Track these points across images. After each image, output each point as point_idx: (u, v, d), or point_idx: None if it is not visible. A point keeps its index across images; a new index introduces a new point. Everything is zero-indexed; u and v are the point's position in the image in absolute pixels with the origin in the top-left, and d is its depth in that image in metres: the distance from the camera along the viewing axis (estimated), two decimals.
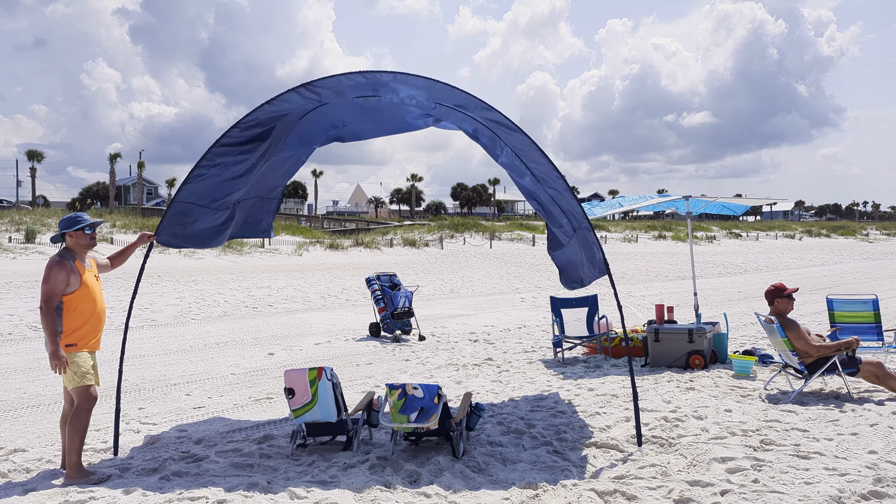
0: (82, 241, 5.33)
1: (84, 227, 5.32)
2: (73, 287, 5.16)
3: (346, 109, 6.52)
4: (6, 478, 5.17)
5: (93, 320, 5.28)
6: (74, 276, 5.19)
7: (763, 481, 4.83)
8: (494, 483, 4.96)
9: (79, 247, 5.33)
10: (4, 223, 29.92)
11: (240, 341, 11.38)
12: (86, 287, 5.24)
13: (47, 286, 5.07)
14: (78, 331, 5.18)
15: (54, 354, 5.00)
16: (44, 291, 5.08)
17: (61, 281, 5.11)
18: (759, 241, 55.86)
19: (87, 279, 5.28)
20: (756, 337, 11.17)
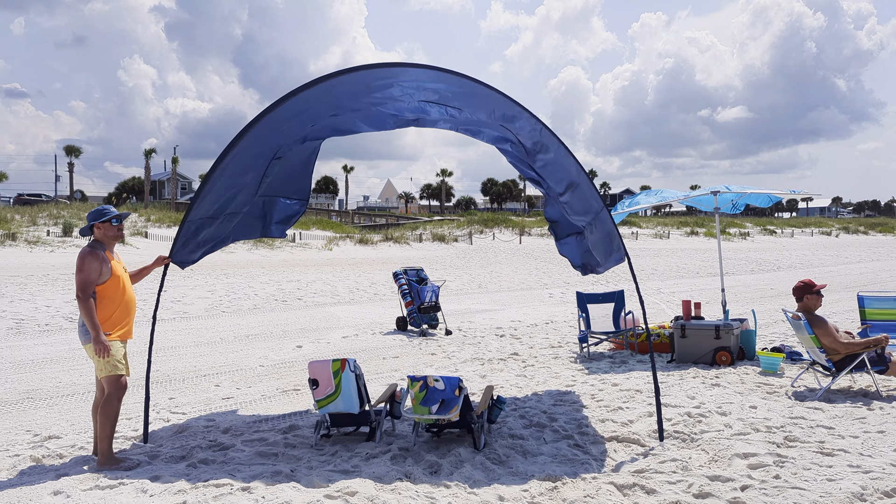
0: (110, 232, 5.45)
1: (111, 218, 5.44)
2: (104, 277, 5.29)
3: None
4: (40, 463, 5.33)
5: (123, 310, 5.41)
6: (106, 265, 5.32)
7: (785, 477, 4.81)
8: (514, 475, 5.00)
9: (107, 238, 5.44)
10: (43, 217, 30.60)
11: (269, 334, 11.55)
12: (116, 277, 5.37)
13: (82, 275, 5.19)
14: (109, 320, 5.30)
15: (97, 339, 5.12)
16: (79, 281, 5.19)
17: (95, 270, 5.23)
18: (794, 237, 55.01)
19: (117, 269, 5.42)
20: (785, 334, 11.04)
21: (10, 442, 5.84)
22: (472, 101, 6.04)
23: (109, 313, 5.31)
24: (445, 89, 5.90)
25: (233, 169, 6.05)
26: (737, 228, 55.99)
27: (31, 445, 5.73)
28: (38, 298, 14.72)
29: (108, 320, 5.30)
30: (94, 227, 5.44)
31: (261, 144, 6.10)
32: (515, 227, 44.80)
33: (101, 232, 5.43)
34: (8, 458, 5.41)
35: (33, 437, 5.99)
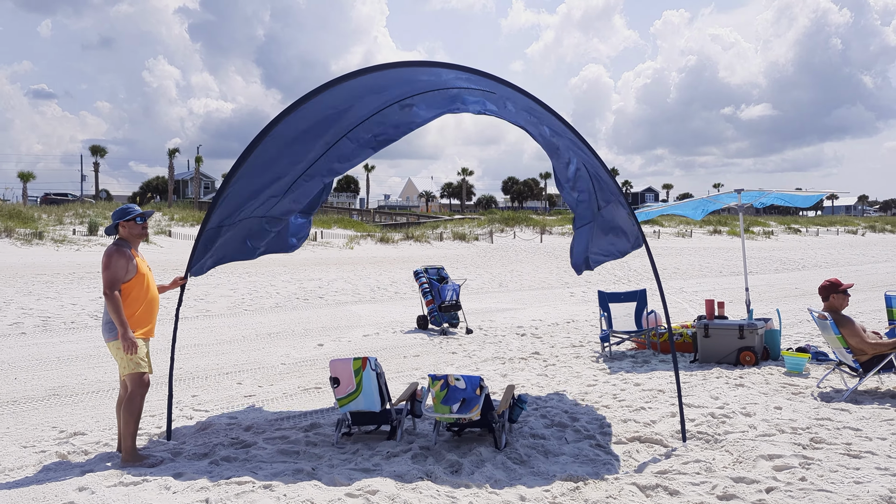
0: (135, 230, 5.48)
1: (136, 216, 5.47)
2: (130, 274, 5.32)
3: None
4: (65, 459, 5.39)
5: (147, 308, 5.44)
6: (132, 263, 5.35)
7: (811, 479, 4.74)
8: (536, 475, 4.98)
9: (132, 236, 5.47)
10: (69, 216, 31.01)
11: (291, 332, 11.60)
12: (141, 275, 5.41)
13: (109, 273, 5.22)
14: (132, 318, 5.32)
15: (125, 336, 5.16)
16: (106, 278, 5.22)
17: (122, 267, 5.27)
18: (819, 236, 54.33)
19: (142, 267, 5.45)
20: (811, 334, 10.90)
21: (36, 438, 5.92)
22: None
23: (133, 311, 5.35)
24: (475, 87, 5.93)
25: (265, 171, 6.09)
26: (761, 227, 55.40)
27: (57, 442, 5.80)
28: (64, 296, 14.91)
29: (132, 318, 5.33)
30: (119, 226, 5.47)
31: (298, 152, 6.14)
32: (536, 226, 44.66)
33: (126, 230, 5.47)
34: (34, 453, 5.48)
35: (59, 433, 6.06)
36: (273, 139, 5.79)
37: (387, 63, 5.53)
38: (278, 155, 6.08)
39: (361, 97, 5.96)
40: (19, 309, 13.12)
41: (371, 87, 5.84)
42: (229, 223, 6.44)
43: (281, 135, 5.82)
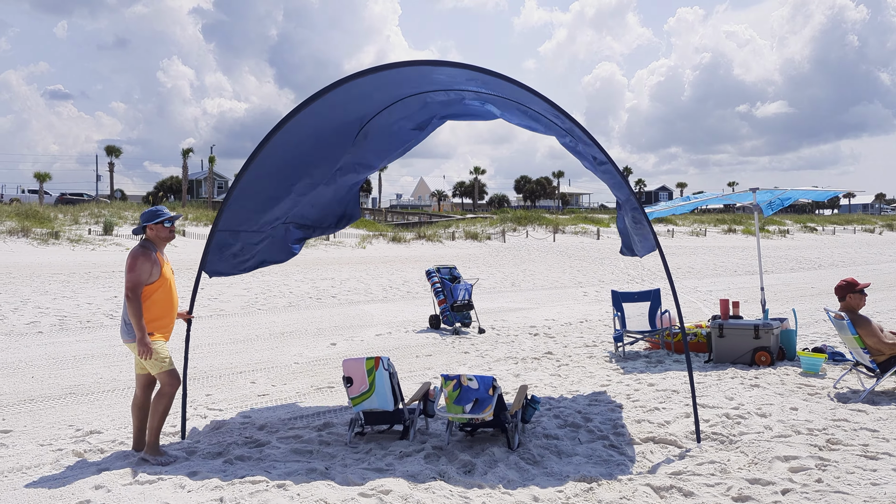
0: (162, 234, 5.50)
1: (164, 220, 5.49)
2: (153, 277, 5.34)
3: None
4: (82, 457, 5.43)
5: (167, 311, 5.48)
6: (156, 266, 5.38)
7: (827, 481, 4.70)
8: (549, 475, 4.96)
9: (158, 239, 5.50)
10: (85, 216, 31.24)
11: (303, 331, 11.63)
12: (164, 278, 5.43)
13: (132, 275, 5.23)
14: (156, 321, 5.37)
15: (141, 341, 5.17)
16: (129, 280, 5.23)
17: (146, 270, 5.28)
18: (836, 235, 53.88)
19: (166, 271, 5.48)
20: (827, 334, 10.81)
21: (53, 436, 5.96)
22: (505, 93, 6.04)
23: (155, 314, 5.37)
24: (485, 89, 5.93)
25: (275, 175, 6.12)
26: (776, 226, 55.02)
27: (74, 440, 5.84)
28: (79, 296, 15.02)
29: (154, 321, 5.37)
30: (146, 228, 5.49)
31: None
32: (549, 225, 44.56)
33: (154, 233, 5.49)
34: (51, 452, 5.53)
35: (75, 431, 6.11)
36: (281, 143, 5.85)
37: (400, 62, 5.54)
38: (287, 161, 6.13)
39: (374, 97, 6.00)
40: (36, 308, 13.23)
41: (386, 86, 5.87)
42: (247, 228, 6.47)
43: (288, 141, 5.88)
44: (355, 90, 5.78)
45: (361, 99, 6.11)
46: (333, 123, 6.27)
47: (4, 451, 5.57)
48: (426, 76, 5.91)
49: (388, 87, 6.04)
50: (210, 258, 6.30)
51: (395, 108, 6.61)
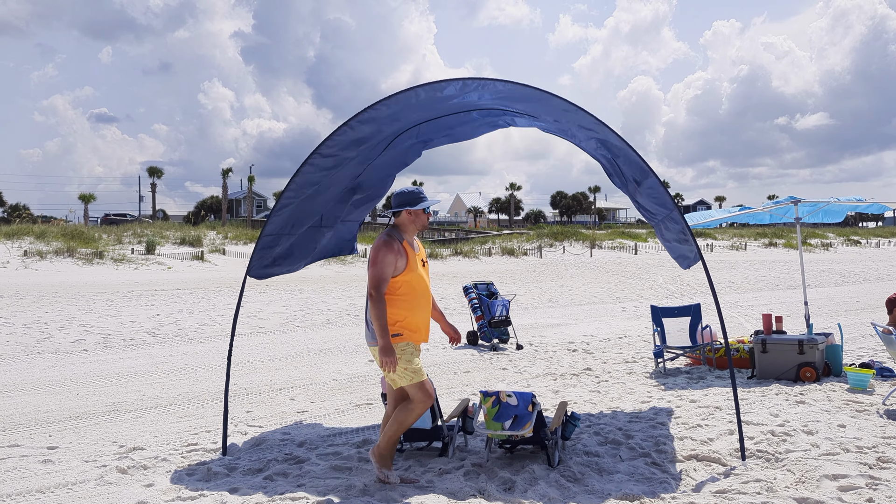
0: (419, 220, 4.98)
1: (426, 206, 4.96)
2: (398, 270, 4.79)
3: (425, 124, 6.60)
4: (125, 474, 5.51)
5: (417, 308, 4.92)
6: (402, 258, 4.82)
7: (878, 500, 4.56)
8: (590, 493, 4.90)
9: (412, 226, 4.96)
10: (128, 236, 31.93)
11: (342, 348, 11.69)
12: (411, 272, 4.86)
13: (375, 270, 4.70)
14: (401, 321, 4.83)
15: (384, 350, 4.64)
16: (372, 276, 4.70)
17: (389, 263, 4.73)
18: (881, 248, 52.60)
19: (414, 263, 4.90)
20: (874, 349, 10.53)
21: (97, 453, 6.07)
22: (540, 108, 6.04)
23: (399, 313, 4.83)
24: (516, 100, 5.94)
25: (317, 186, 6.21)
26: (818, 239, 53.93)
27: (117, 456, 5.94)
28: (123, 314, 15.32)
29: (399, 321, 4.83)
30: (404, 212, 4.96)
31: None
32: (586, 240, 44.28)
33: (411, 218, 4.96)
34: (95, 468, 5.62)
35: (119, 448, 6.20)
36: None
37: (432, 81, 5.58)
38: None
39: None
40: (81, 326, 13.53)
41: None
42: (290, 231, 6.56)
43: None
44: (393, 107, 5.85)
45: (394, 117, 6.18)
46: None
47: (51, 468, 5.68)
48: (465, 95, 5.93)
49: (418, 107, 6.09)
50: (254, 263, 6.38)
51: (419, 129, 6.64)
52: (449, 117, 6.54)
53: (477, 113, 6.54)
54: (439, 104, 5.98)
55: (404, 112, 5.89)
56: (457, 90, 5.62)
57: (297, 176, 5.89)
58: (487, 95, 5.81)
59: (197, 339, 12.62)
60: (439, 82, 5.53)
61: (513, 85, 5.43)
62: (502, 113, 6.55)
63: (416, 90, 5.55)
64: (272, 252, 6.51)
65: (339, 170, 6.20)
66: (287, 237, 6.53)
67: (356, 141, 5.92)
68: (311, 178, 6.02)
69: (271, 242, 6.40)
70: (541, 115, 6.25)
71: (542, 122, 6.56)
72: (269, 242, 6.37)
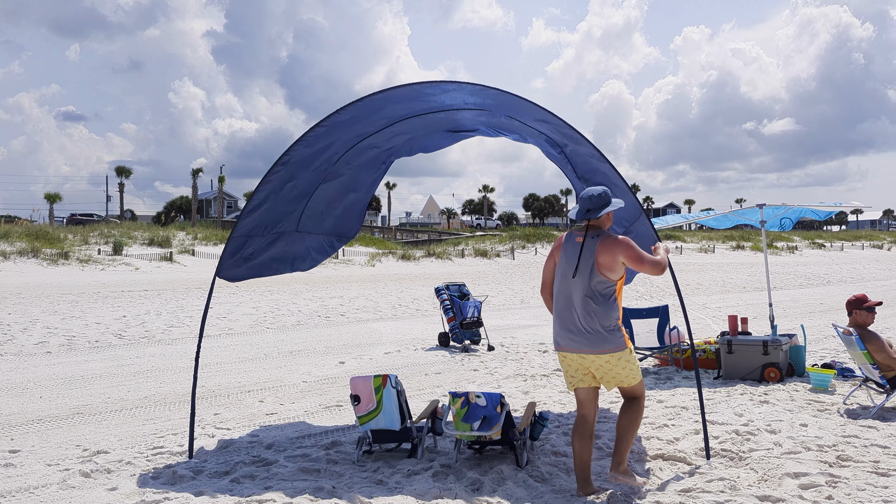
0: (608, 223, 4.88)
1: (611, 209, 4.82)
2: (622, 270, 4.75)
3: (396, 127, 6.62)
4: (88, 477, 5.43)
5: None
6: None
7: (838, 498, 4.65)
8: (557, 493, 4.93)
9: (610, 223, 4.89)
10: (94, 236, 31.44)
11: (312, 350, 11.64)
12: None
13: (640, 252, 4.65)
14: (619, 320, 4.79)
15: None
16: (645, 256, 4.63)
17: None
18: (844, 251, 53.62)
19: None
20: (836, 350, 10.74)
21: (60, 456, 5.97)
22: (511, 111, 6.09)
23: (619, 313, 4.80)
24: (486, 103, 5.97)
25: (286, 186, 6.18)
26: (784, 242, 54.82)
27: (80, 460, 5.85)
28: (88, 316, 15.09)
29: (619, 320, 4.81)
30: (607, 216, 4.86)
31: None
32: None
33: (609, 218, 4.91)
34: (58, 472, 5.53)
35: (82, 451, 6.11)
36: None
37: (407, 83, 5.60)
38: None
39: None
40: (45, 328, 13.30)
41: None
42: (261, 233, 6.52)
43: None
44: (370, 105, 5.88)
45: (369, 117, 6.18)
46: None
47: (12, 471, 5.58)
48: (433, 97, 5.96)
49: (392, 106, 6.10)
50: (224, 264, 6.33)
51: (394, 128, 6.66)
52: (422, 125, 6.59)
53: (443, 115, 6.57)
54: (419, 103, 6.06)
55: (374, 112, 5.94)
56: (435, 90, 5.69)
57: (270, 175, 5.88)
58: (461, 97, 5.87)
59: (164, 340, 12.48)
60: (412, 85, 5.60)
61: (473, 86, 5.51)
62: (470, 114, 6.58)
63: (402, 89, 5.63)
64: (243, 254, 6.47)
65: (315, 171, 6.20)
66: (259, 239, 6.49)
67: (321, 150, 5.96)
68: (285, 177, 6.01)
69: (242, 244, 6.36)
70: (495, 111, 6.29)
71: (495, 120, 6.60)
72: (239, 244, 6.33)
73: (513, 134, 6.81)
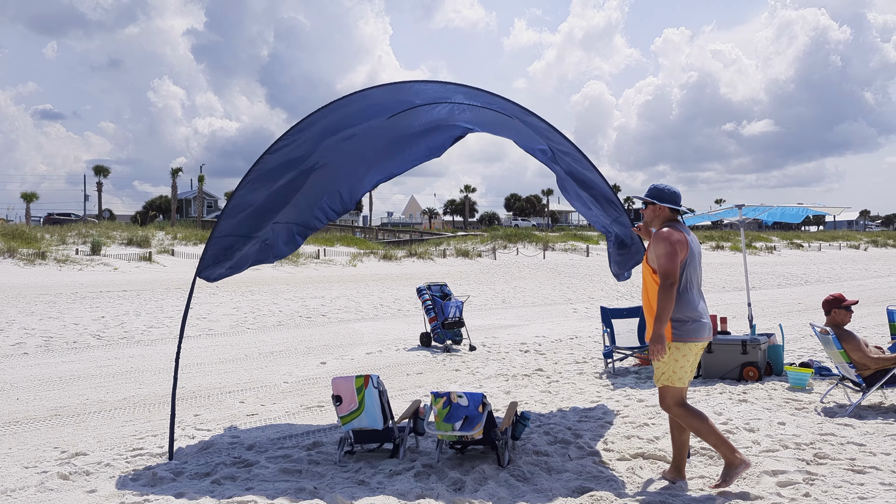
0: (663, 214, 5.04)
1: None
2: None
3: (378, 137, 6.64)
4: (67, 480, 5.38)
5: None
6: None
7: (815, 495, 4.71)
8: (539, 492, 4.96)
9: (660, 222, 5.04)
10: (72, 236, 31.10)
11: (293, 350, 11.59)
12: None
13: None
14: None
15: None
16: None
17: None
18: (822, 251, 54.25)
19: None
20: (814, 349, 10.87)
21: (37, 458, 5.91)
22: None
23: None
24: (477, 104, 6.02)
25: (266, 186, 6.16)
26: (763, 242, 55.36)
27: (58, 462, 5.79)
28: (66, 316, 14.93)
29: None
30: (654, 207, 5.03)
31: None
32: (539, 242, 44.68)
33: (665, 214, 5.05)
34: (35, 474, 5.47)
35: (60, 453, 6.05)
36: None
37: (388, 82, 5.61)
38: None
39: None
40: (21, 329, 13.14)
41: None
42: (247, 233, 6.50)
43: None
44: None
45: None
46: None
47: None
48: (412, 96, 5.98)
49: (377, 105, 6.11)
50: (204, 265, 6.31)
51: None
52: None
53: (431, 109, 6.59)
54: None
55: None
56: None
57: (251, 173, 5.88)
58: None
59: (144, 341, 12.38)
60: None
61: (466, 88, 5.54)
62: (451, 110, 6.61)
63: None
64: (224, 254, 6.44)
65: (293, 171, 6.19)
66: (242, 239, 6.46)
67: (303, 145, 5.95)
68: (266, 172, 6.00)
69: (223, 245, 6.33)
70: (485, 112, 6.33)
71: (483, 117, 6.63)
72: (221, 245, 6.30)
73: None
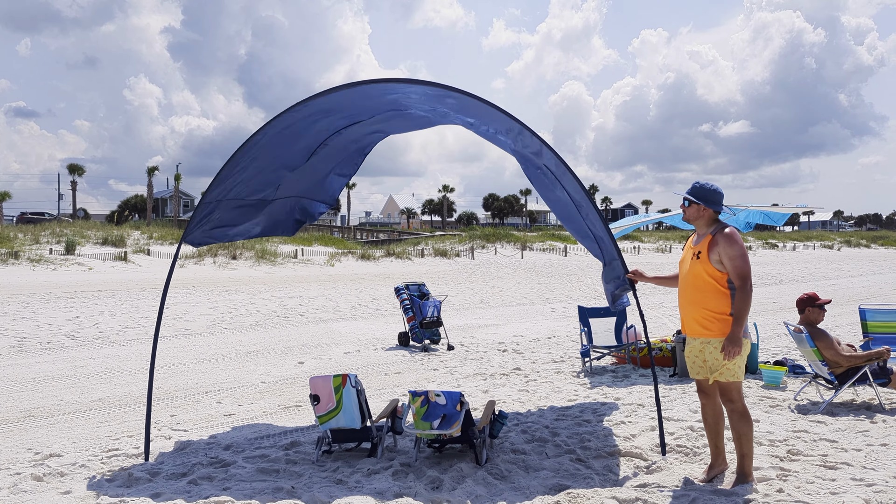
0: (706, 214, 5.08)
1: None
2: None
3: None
4: (41, 481, 5.31)
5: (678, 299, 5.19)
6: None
7: (788, 491, 4.78)
8: (516, 490, 4.98)
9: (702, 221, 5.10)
10: (46, 235, 30.68)
11: (270, 350, 11.54)
12: (680, 263, 5.20)
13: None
14: None
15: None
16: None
17: None
18: (796, 251, 54.96)
19: (686, 255, 5.20)
20: (788, 348, 11.01)
21: (11, 460, 5.83)
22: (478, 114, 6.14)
23: None
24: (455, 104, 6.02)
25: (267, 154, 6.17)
26: None
27: (32, 464, 5.72)
28: (40, 316, 14.73)
29: None
30: (698, 207, 5.08)
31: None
32: (517, 242, 44.82)
33: (709, 214, 5.10)
34: (9, 476, 5.40)
35: (34, 455, 5.98)
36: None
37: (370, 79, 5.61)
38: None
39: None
40: None
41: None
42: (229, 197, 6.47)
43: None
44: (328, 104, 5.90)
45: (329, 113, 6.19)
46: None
47: None
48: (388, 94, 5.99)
49: (354, 103, 6.12)
50: (191, 228, 6.29)
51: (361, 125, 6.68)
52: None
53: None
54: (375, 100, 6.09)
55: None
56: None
57: (246, 143, 5.90)
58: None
59: (119, 341, 12.25)
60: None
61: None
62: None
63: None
64: (210, 218, 6.40)
65: (287, 137, 6.21)
66: (227, 203, 6.42)
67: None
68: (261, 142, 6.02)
69: (210, 210, 6.30)
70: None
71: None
72: (207, 210, 6.27)
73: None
